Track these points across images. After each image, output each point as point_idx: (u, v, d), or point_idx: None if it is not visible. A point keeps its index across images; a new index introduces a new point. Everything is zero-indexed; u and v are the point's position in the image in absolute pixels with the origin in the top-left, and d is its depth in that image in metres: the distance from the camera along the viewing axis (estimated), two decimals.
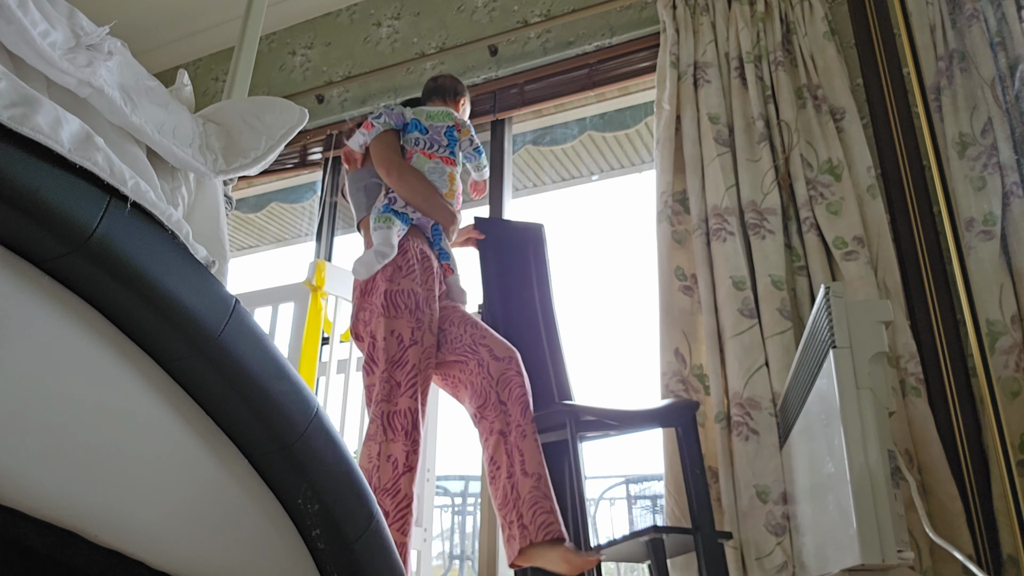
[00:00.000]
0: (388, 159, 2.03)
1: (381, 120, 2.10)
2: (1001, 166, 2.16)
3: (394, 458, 1.73)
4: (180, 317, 0.74)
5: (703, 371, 2.36)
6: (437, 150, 2.11)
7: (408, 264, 1.91)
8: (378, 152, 2.05)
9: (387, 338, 1.82)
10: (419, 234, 2.03)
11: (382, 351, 1.81)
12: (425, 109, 2.18)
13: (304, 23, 3.92)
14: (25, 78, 0.82)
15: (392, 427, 1.76)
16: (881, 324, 1.37)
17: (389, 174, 2.02)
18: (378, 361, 1.81)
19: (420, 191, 2.00)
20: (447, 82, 2.28)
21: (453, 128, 2.16)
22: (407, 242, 1.96)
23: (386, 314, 1.84)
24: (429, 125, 2.14)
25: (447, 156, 2.12)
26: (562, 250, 6.02)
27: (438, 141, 2.12)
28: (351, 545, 0.91)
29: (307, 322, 2.26)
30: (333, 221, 3.57)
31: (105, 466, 0.72)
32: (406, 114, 2.14)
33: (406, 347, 1.82)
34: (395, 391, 1.79)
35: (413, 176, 2.02)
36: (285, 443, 0.84)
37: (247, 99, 1.26)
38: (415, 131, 2.12)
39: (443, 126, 2.15)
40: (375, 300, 1.87)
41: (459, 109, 2.27)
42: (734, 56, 2.63)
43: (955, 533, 1.92)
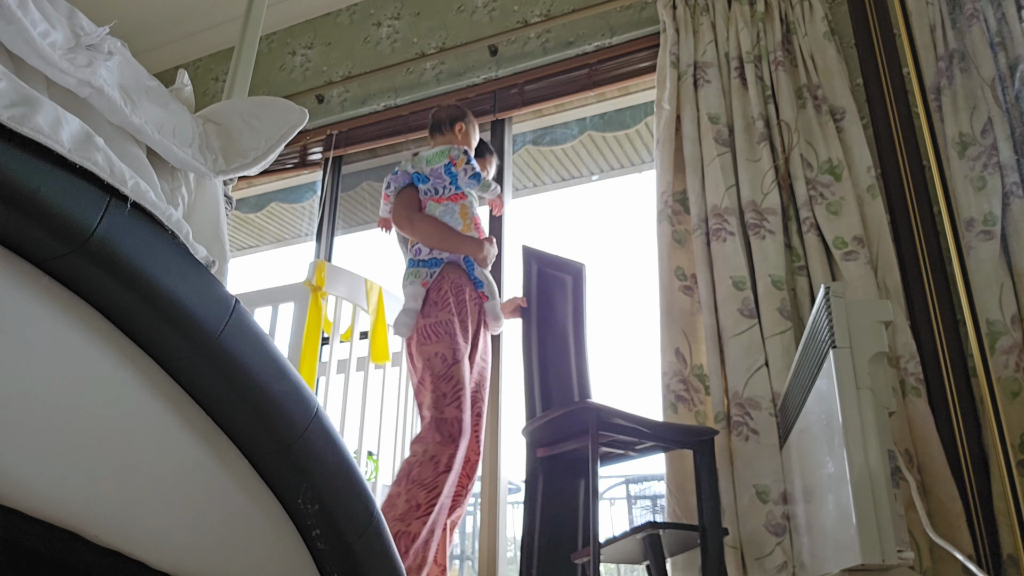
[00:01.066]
0: (400, 215, 2.21)
1: (391, 189, 2.26)
2: (1001, 166, 2.16)
3: (437, 459, 1.91)
4: (180, 317, 0.74)
5: (703, 371, 2.36)
6: (443, 192, 2.22)
7: (443, 298, 2.10)
8: (395, 210, 2.23)
9: (431, 360, 2.03)
10: (456, 268, 2.18)
11: (429, 371, 2.02)
12: (423, 155, 2.25)
13: (304, 23, 3.92)
14: (25, 78, 0.82)
15: (440, 432, 1.94)
16: (881, 324, 1.37)
17: (402, 228, 2.21)
18: (426, 381, 2.02)
19: (435, 235, 2.16)
20: (442, 115, 2.36)
21: (449, 164, 2.22)
22: (442, 279, 2.14)
23: (428, 341, 2.06)
24: (430, 171, 2.22)
25: (454, 193, 2.22)
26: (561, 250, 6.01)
27: (441, 183, 2.22)
28: (351, 545, 0.91)
29: (307, 322, 2.25)
30: (333, 221, 3.57)
31: (105, 466, 0.72)
32: (408, 171, 2.26)
33: (450, 364, 2.02)
34: (441, 400, 1.98)
35: (426, 223, 2.18)
36: (285, 443, 0.84)
37: (247, 99, 1.26)
38: (419, 183, 2.24)
39: (440, 166, 2.22)
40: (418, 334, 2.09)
41: (459, 135, 2.32)
42: (734, 56, 2.63)
43: (955, 533, 1.92)
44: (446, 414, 1.96)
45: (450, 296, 2.11)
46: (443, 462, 1.91)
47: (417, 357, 2.07)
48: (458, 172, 2.23)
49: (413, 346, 2.09)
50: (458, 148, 2.25)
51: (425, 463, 1.90)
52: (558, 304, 2.48)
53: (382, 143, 3.48)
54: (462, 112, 2.36)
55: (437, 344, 2.04)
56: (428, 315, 2.09)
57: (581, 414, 1.94)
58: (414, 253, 2.18)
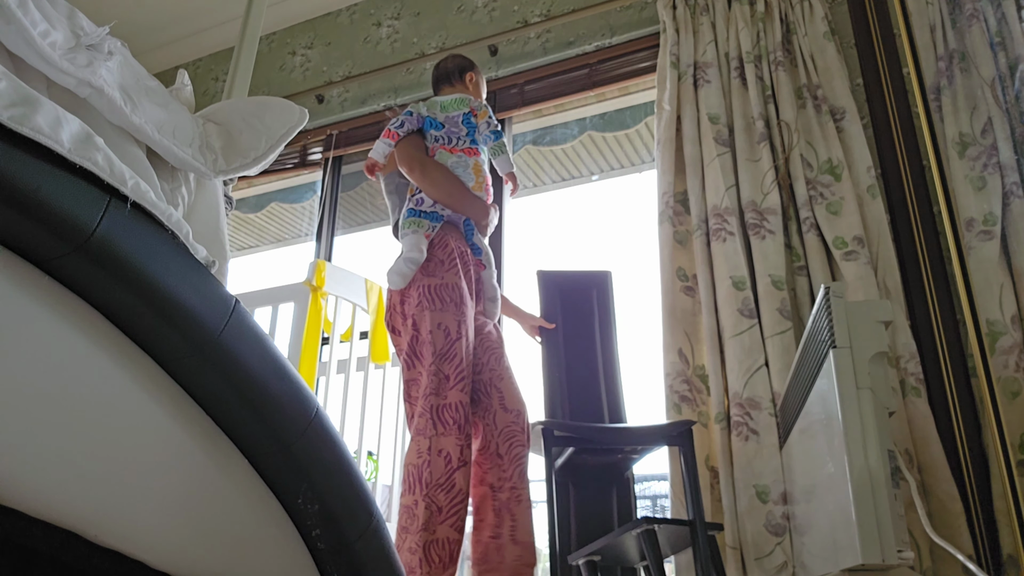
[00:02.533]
0: (411, 156, 1.96)
1: (403, 128, 2.03)
2: (1001, 166, 2.16)
3: (446, 452, 1.68)
4: (180, 317, 0.74)
5: (705, 371, 2.36)
6: (457, 142, 2.01)
7: (450, 258, 1.87)
8: (401, 151, 1.98)
9: (433, 331, 1.76)
10: (454, 230, 1.97)
11: (428, 344, 1.76)
12: (438, 100, 2.07)
13: (304, 23, 3.92)
14: (25, 78, 0.82)
15: (443, 421, 1.70)
16: (881, 324, 1.37)
17: (412, 171, 1.95)
18: (422, 355, 1.76)
19: (446, 187, 1.93)
20: (449, 64, 2.16)
21: (469, 114, 2.03)
22: (446, 236, 1.92)
23: (431, 307, 1.79)
24: (444, 118, 2.03)
25: (469, 147, 2.02)
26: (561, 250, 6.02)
27: (456, 133, 2.02)
28: (351, 545, 0.91)
29: (307, 322, 2.25)
30: (333, 221, 3.57)
31: (105, 466, 0.72)
32: (421, 112, 2.05)
33: (453, 340, 1.77)
34: (444, 384, 1.73)
35: (438, 172, 1.94)
36: (285, 443, 0.84)
37: (247, 99, 1.26)
38: (431, 129, 2.03)
39: (459, 114, 2.03)
40: (415, 293, 1.82)
41: (470, 86, 2.15)
42: (734, 56, 2.63)
43: (955, 533, 1.92)
44: (449, 399, 1.72)
45: (456, 258, 1.89)
46: (455, 456, 1.68)
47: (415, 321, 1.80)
48: (479, 124, 2.03)
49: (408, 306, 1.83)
50: (478, 100, 2.09)
51: (435, 460, 1.67)
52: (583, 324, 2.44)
53: None
54: (470, 62, 2.19)
55: (443, 312, 1.78)
56: (433, 274, 1.83)
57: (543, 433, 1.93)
58: (415, 203, 1.95)
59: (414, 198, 1.97)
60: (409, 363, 1.80)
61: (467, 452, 1.71)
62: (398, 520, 1.71)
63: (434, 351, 1.75)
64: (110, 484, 0.72)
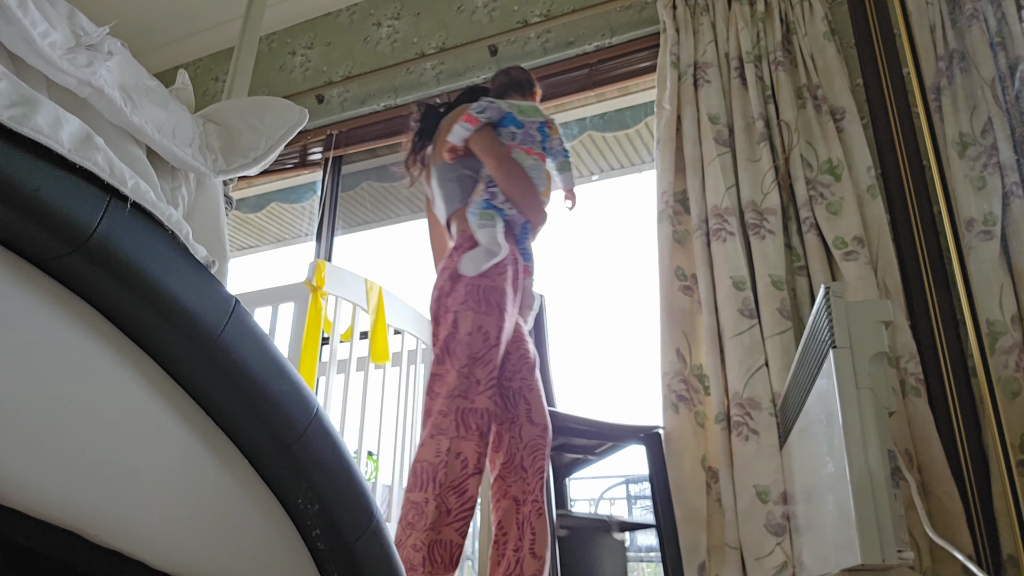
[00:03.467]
0: (498, 151, 1.91)
1: (485, 115, 1.97)
2: (1001, 166, 2.16)
3: (464, 457, 1.66)
4: (180, 317, 0.74)
5: (703, 371, 2.36)
6: (533, 146, 1.99)
7: (502, 262, 1.84)
8: (486, 143, 1.93)
9: (472, 333, 1.74)
10: (509, 232, 1.94)
11: (464, 344, 1.73)
12: (516, 103, 2.05)
13: (304, 23, 3.92)
14: (25, 78, 0.82)
15: (466, 424, 1.68)
16: (881, 324, 1.37)
17: (500, 165, 1.90)
18: (455, 353, 1.73)
19: (524, 187, 1.90)
20: (521, 75, 2.15)
21: (544, 125, 2.03)
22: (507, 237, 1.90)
23: (476, 308, 1.76)
24: (524, 120, 2.01)
25: (541, 153, 2.01)
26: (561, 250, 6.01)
27: (532, 137, 2.00)
28: (351, 545, 0.91)
29: (307, 322, 2.25)
30: (333, 221, 3.57)
31: (105, 466, 0.72)
32: (502, 107, 2.01)
33: (491, 345, 1.75)
34: (473, 388, 1.71)
35: (519, 169, 1.91)
36: (285, 443, 0.84)
37: (247, 99, 1.26)
38: (511, 125, 1.99)
39: (535, 122, 2.02)
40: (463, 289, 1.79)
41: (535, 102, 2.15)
42: (734, 56, 2.63)
43: (955, 533, 1.92)
44: (476, 404, 1.70)
45: (508, 263, 1.85)
46: (472, 462, 1.66)
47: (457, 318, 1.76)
48: (553, 138, 2.03)
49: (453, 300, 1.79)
50: (551, 116, 2.08)
51: (452, 463, 1.65)
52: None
53: (382, 143, 3.48)
54: (536, 80, 2.18)
55: (487, 316, 1.75)
56: (486, 274, 1.80)
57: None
58: (490, 195, 1.90)
59: (489, 190, 1.92)
60: (440, 358, 1.77)
61: (483, 460, 1.69)
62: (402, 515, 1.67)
63: (469, 353, 1.72)
64: (110, 484, 0.72)
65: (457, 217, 1.95)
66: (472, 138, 1.94)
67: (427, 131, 2.17)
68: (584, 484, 5.28)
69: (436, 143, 2.07)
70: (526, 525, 1.76)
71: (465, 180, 1.98)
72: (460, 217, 1.94)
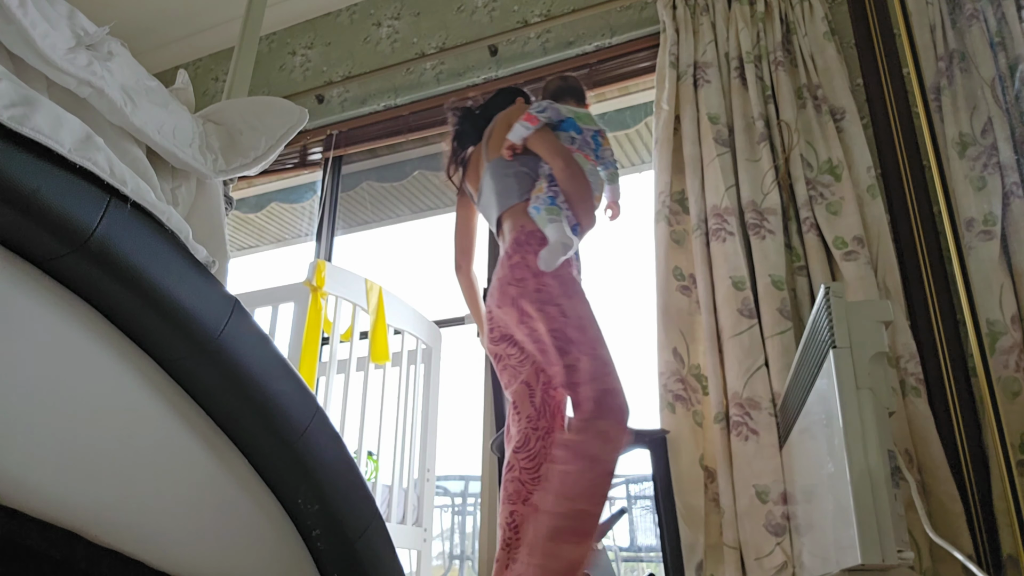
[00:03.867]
0: (566, 152, 1.92)
1: (545, 115, 1.97)
2: (1001, 166, 2.16)
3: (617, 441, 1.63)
4: (180, 317, 0.74)
5: (700, 371, 2.36)
6: (589, 154, 2.00)
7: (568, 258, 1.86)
8: (552, 143, 1.93)
9: (583, 318, 1.73)
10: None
11: (582, 330, 1.71)
12: (574, 109, 2.06)
13: (304, 23, 3.93)
14: (25, 78, 0.82)
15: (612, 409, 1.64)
16: (881, 324, 1.37)
17: (568, 166, 1.90)
18: (578, 341, 1.69)
19: (583, 190, 1.89)
20: (577, 84, 2.17)
21: (598, 134, 2.05)
22: None
23: (575, 296, 1.76)
24: (582, 127, 2.01)
25: (596, 161, 2.01)
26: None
27: (588, 144, 2.00)
28: (351, 545, 0.91)
29: (307, 322, 2.25)
30: (333, 221, 3.57)
31: (105, 466, 0.72)
32: (561, 111, 2.01)
33: (599, 328, 1.73)
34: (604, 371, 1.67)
35: (581, 171, 1.91)
36: (285, 443, 0.84)
37: (247, 99, 1.26)
38: (571, 130, 1.99)
39: (591, 130, 2.04)
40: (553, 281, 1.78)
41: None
42: (734, 56, 2.63)
43: (955, 533, 1.92)
44: (613, 385, 1.66)
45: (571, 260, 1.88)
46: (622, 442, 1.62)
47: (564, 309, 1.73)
48: (605, 148, 2.04)
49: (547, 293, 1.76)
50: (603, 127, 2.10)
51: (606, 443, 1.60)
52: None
53: (382, 143, 3.48)
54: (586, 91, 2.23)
55: (582, 305, 1.75)
56: (562, 267, 1.80)
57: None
58: (554, 193, 1.90)
59: (552, 188, 1.92)
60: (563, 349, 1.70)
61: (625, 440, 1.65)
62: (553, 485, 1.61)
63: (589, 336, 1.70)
64: (110, 484, 0.72)
65: (514, 212, 1.94)
66: (534, 137, 1.95)
67: (464, 133, 2.21)
68: None
69: (488, 140, 2.07)
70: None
71: (522, 177, 1.98)
72: (518, 212, 1.93)
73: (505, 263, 1.85)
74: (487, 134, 2.09)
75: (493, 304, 1.88)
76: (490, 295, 1.91)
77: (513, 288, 1.80)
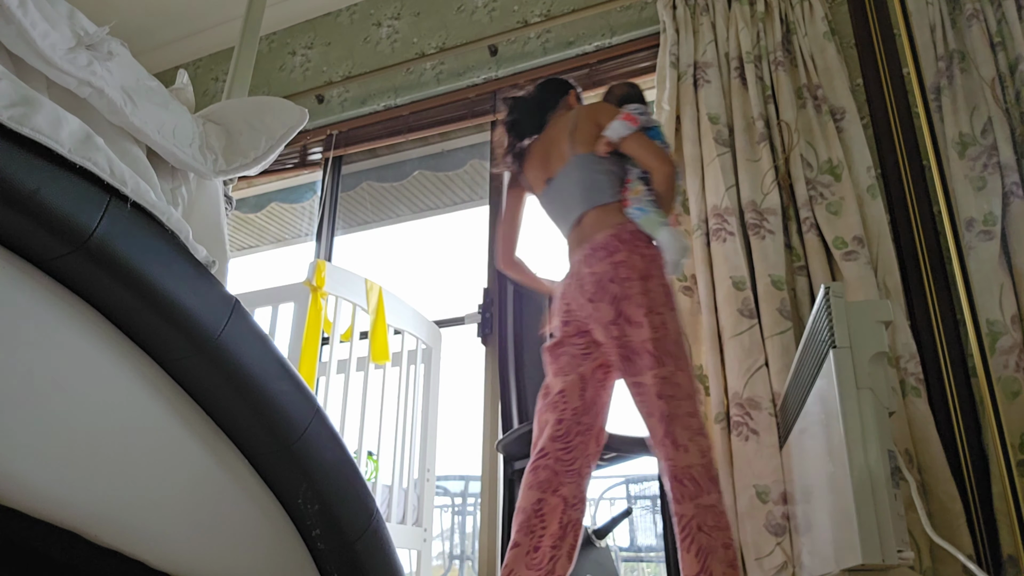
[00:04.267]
0: (669, 157, 1.91)
1: (645, 117, 1.97)
2: (1001, 166, 2.16)
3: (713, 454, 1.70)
4: (180, 317, 0.74)
5: (702, 371, 2.36)
6: None
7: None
8: (655, 147, 1.91)
9: (680, 333, 1.75)
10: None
11: (679, 345, 1.73)
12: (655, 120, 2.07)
13: (304, 23, 3.93)
14: (25, 78, 0.82)
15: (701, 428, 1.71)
16: (881, 324, 1.37)
17: (672, 173, 1.89)
18: (675, 355, 1.71)
19: (673, 199, 1.91)
20: (641, 94, 2.19)
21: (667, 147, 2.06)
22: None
23: (673, 308, 1.76)
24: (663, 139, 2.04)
25: None
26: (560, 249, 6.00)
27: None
28: (351, 545, 0.91)
29: (307, 322, 2.25)
30: (333, 221, 3.57)
31: (105, 466, 0.72)
32: (651, 119, 2.01)
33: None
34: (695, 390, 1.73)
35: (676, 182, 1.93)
36: (285, 443, 0.84)
37: (247, 99, 1.26)
38: (658, 139, 1.99)
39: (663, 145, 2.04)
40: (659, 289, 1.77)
41: None
42: (734, 56, 2.63)
43: (955, 533, 1.92)
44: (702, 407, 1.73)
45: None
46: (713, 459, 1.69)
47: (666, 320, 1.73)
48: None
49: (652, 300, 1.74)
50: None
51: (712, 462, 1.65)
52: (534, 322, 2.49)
53: (382, 143, 3.48)
54: None
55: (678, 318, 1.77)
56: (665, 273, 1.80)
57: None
58: (653, 196, 1.90)
59: (650, 191, 1.91)
60: (660, 359, 1.71)
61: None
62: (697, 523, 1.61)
63: (685, 352, 1.73)
64: (110, 484, 0.72)
65: (607, 210, 1.90)
66: (633, 138, 1.92)
67: (519, 123, 2.17)
68: None
69: (574, 133, 2.02)
70: (570, 529, 1.75)
71: (613, 176, 1.95)
72: (612, 211, 1.89)
73: (604, 259, 1.80)
74: (571, 126, 2.04)
75: (581, 296, 1.83)
76: (575, 286, 1.86)
77: (615, 287, 1.76)
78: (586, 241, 1.87)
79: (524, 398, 2.36)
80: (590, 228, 1.90)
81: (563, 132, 2.06)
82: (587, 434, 1.81)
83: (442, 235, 5.77)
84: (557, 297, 1.94)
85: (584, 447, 1.79)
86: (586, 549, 2.20)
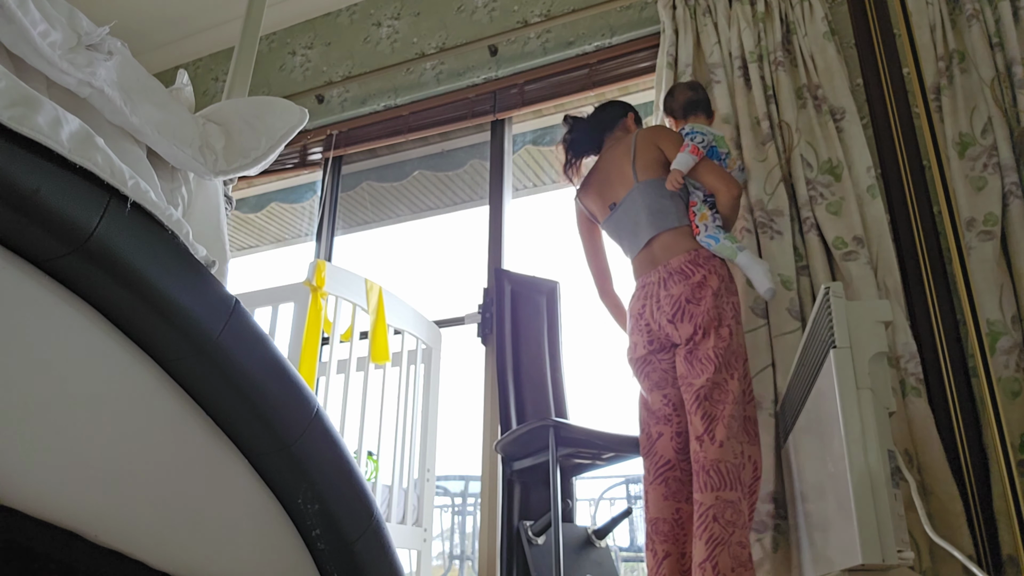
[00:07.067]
0: (736, 181, 2.04)
1: (704, 144, 2.06)
2: (1001, 166, 2.16)
3: (755, 461, 1.85)
4: (180, 317, 0.74)
5: None
6: None
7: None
8: (724, 174, 2.04)
9: (743, 346, 1.92)
10: None
11: (740, 357, 1.91)
12: (713, 132, 2.12)
13: (304, 23, 3.92)
14: (25, 78, 0.82)
15: (749, 431, 1.87)
16: (881, 324, 1.37)
17: (739, 196, 2.03)
18: (733, 365, 1.87)
19: (737, 215, 2.07)
20: (705, 94, 2.26)
21: (727, 156, 2.13)
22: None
23: (740, 324, 1.94)
24: (720, 152, 2.10)
25: None
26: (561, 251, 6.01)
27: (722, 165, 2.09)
28: (351, 545, 0.91)
29: (307, 322, 2.25)
30: (333, 221, 3.57)
31: (105, 466, 0.72)
32: (708, 137, 2.08)
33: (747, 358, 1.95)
34: (750, 398, 1.90)
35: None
36: (285, 443, 0.84)
37: (247, 99, 1.26)
38: (715, 158, 2.08)
39: (725, 152, 2.12)
40: (730, 307, 1.93)
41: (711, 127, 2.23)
42: (736, 56, 2.63)
43: (955, 533, 1.92)
44: (749, 412, 1.89)
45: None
46: (760, 465, 1.86)
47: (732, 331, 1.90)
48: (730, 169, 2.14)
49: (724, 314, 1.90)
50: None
51: (747, 466, 1.81)
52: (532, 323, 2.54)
53: (382, 143, 3.48)
54: None
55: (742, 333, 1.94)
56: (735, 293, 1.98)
57: (542, 431, 2.05)
58: (722, 221, 2.05)
59: (717, 215, 2.04)
60: (720, 367, 1.87)
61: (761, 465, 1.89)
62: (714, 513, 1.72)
63: (743, 369, 1.90)
64: (110, 484, 0.72)
65: (678, 234, 2.03)
66: (702, 166, 2.04)
67: (577, 143, 2.34)
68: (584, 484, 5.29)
69: (636, 159, 2.13)
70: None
71: (678, 201, 2.09)
72: (683, 235, 2.03)
73: (681, 281, 1.95)
74: (631, 151, 2.15)
75: (662, 317, 1.97)
76: (652, 307, 2.00)
77: (692, 307, 1.93)
78: (659, 263, 2.02)
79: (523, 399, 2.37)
80: (662, 252, 2.03)
81: (624, 157, 2.17)
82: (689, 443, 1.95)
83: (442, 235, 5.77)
84: (634, 316, 2.06)
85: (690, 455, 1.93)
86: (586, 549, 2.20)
